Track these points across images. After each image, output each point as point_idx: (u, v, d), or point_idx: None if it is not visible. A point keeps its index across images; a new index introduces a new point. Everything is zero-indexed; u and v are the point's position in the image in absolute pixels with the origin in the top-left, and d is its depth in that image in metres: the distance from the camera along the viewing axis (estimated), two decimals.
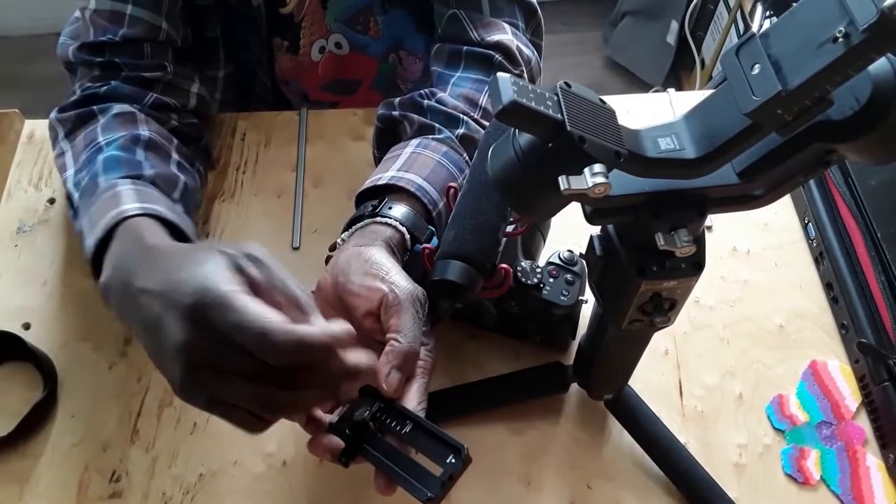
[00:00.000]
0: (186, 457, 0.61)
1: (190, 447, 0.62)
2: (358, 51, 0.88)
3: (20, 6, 2.04)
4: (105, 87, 0.68)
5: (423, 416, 0.51)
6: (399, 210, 0.58)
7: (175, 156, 0.67)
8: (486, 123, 0.67)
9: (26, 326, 0.68)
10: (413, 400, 0.51)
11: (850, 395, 0.64)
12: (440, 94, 0.68)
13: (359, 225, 0.58)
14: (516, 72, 0.71)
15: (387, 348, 0.50)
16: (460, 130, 0.65)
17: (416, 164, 0.62)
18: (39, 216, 0.75)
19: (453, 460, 0.46)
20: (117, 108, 0.67)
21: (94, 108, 0.67)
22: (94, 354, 0.66)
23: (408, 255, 0.57)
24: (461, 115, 0.66)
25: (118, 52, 0.69)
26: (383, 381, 0.50)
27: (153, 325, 0.44)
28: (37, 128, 0.81)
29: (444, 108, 0.66)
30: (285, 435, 0.61)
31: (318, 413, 0.51)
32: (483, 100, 0.69)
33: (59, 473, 0.60)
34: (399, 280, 0.52)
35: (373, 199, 0.60)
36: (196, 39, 0.77)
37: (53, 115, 0.68)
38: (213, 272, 0.43)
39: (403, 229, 0.57)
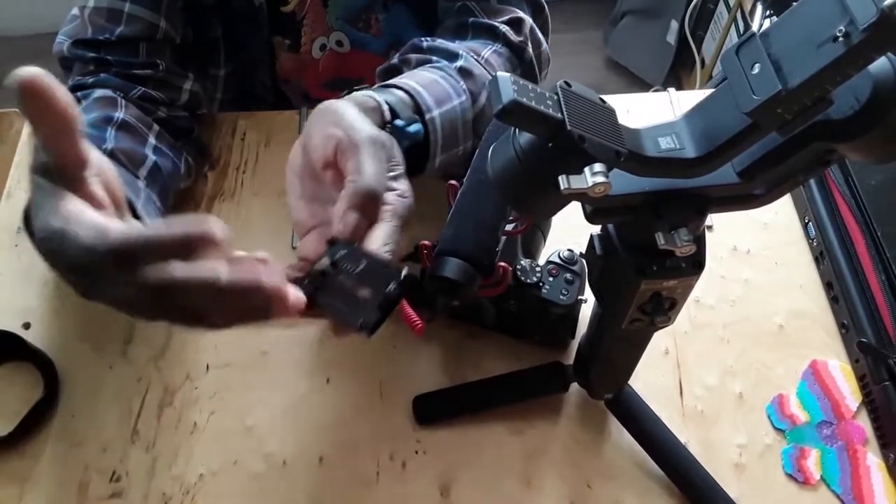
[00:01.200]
0: (186, 457, 0.61)
1: (190, 447, 0.62)
2: (359, 48, 0.88)
3: (20, 6, 2.04)
4: (93, 79, 0.68)
5: (389, 257, 0.46)
6: (384, 93, 0.55)
7: (152, 140, 0.66)
8: (488, 69, 0.66)
9: (26, 326, 0.68)
10: (377, 241, 0.46)
11: (850, 394, 0.64)
12: (440, 39, 0.67)
13: (342, 94, 0.55)
14: (519, 39, 0.71)
15: (343, 191, 0.46)
16: (459, 63, 0.64)
17: (414, 77, 0.60)
18: None
19: (393, 286, 0.42)
20: (99, 92, 0.67)
21: (78, 94, 0.67)
22: (94, 354, 0.66)
23: (388, 129, 0.54)
24: (461, 52, 0.65)
25: (112, 50, 0.69)
26: (338, 223, 0.46)
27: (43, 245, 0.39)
28: None
29: (445, 46, 0.65)
30: (285, 435, 0.61)
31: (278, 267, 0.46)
32: (486, 52, 0.67)
33: (59, 473, 0.60)
34: (356, 122, 0.48)
35: None
36: (197, 39, 0.77)
37: None
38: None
39: (381, 99, 0.54)
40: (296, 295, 0.42)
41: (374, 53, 0.89)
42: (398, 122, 0.54)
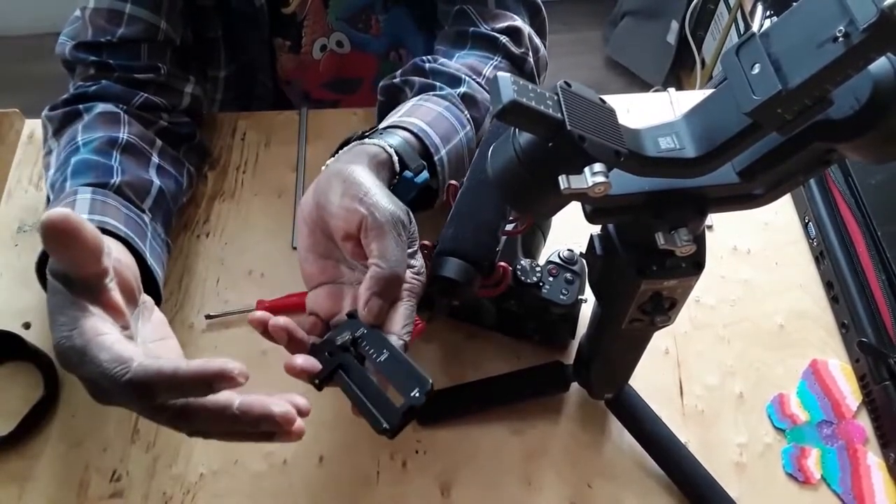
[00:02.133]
0: (187, 456, 0.61)
1: (190, 447, 0.62)
2: (359, 49, 0.88)
3: (20, 6, 2.04)
4: (95, 87, 0.68)
5: (408, 338, 0.49)
6: (393, 138, 0.56)
7: (155, 159, 0.67)
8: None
9: (26, 326, 0.68)
10: (398, 324, 0.48)
11: (850, 394, 0.64)
12: (443, 59, 0.68)
13: (347, 147, 0.56)
14: (520, 51, 0.71)
15: (367, 274, 0.48)
16: (462, 89, 0.64)
17: (419, 112, 0.61)
18: (39, 216, 0.74)
19: (417, 394, 0.44)
20: (101, 107, 0.67)
21: (80, 106, 0.67)
22: None
23: (396, 180, 0.55)
24: (464, 76, 0.65)
25: (113, 53, 0.69)
26: (363, 308, 0.47)
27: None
28: (37, 128, 0.81)
29: (447, 70, 0.66)
30: None
31: (301, 334, 0.50)
32: (487, 70, 0.68)
33: (59, 473, 0.60)
34: (380, 201, 0.49)
35: None
36: (197, 40, 0.77)
37: (44, 112, 0.68)
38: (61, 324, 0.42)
39: (392, 150, 0.55)
40: (307, 363, 0.47)
41: (374, 54, 0.89)
42: (407, 175, 0.55)
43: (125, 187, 0.61)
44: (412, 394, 0.44)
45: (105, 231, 0.54)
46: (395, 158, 0.55)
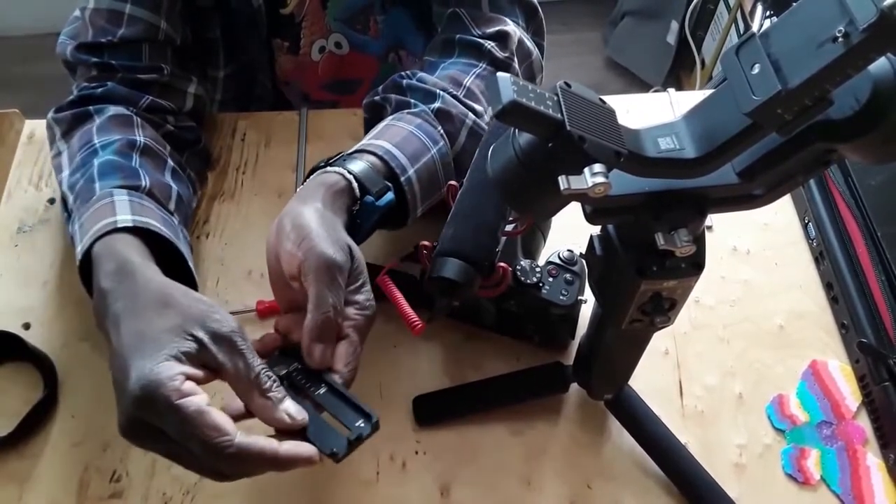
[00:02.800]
0: None
1: None
2: (358, 50, 0.88)
3: (20, 6, 2.04)
4: (101, 89, 0.68)
5: (352, 375, 0.52)
6: (356, 164, 0.58)
7: (170, 163, 0.68)
8: (469, 102, 0.67)
9: (26, 326, 0.68)
10: (339, 362, 0.51)
11: (850, 394, 0.64)
12: (421, 74, 0.68)
13: (316, 173, 0.58)
14: (504, 56, 0.71)
15: (305, 321, 0.50)
16: (436, 104, 0.65)
17: (388, 133, 0.62)
18: (39, 216, 0.75)
19: (362, 424, 0.48)
20: (113, 109, 0.67)
21: (90, 108, 0.67)
22: (94, 354, 0.66)
23: (357, 207, 0.57)
24: (438, 91, 0.66)
25: (115, 53, 0.69)
26: (306, 356, 0.50)
27: (116, 365, 0.48)
28: (37, 128, 0.81)
29: (423, 86, 0.67)
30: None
31: None
32: (468, 80, 0.69)
33: (59, 473, 0.60)
34: (317, 245, 0.51)
35: None
36: (196, 40, 0.77)
37: (51, 115, 0.69)
38: (161, 368, 0.45)
39: (351, 177, 0.57)
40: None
41: (373, 55, 0.89)
42: (368, 199, 0.57)
43: (154, 190, 0.62)
44: (357, 424, 0.48)
45: (147, 232, 0.57)
46: (355, 185, 0.57)
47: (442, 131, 0.64)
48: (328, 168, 0.58)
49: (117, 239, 0.55)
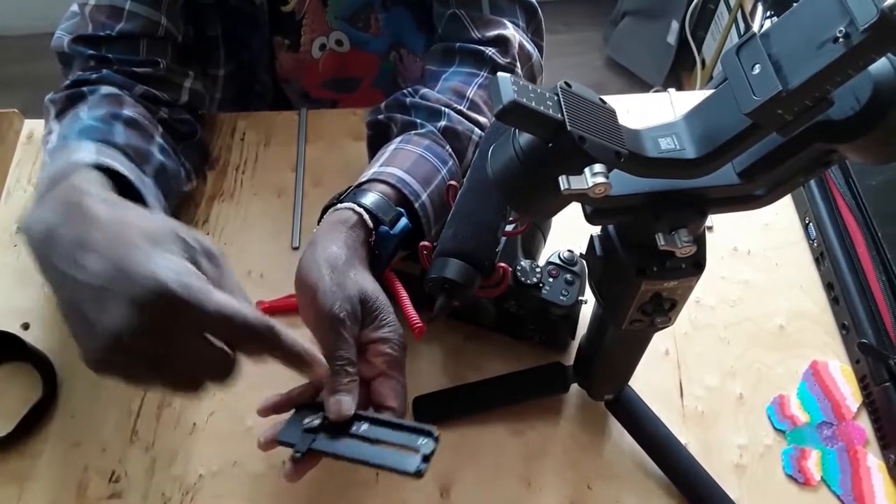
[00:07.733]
0: (186, 457, 0.61)
1: (189, 447, 0.62)
2: (358, 48, 0.88)
3: (20, 6, 2.04)
4: (96, 75, 0.68)
5: (404, 409, 0.53)
6: (368, 197, 0.58)
7: (158, 139, 0.67)
8: (473, 115, 0.67)
9: (26, 326, 0.67)
10: (391, 399, 0.53)
11: (850, 395, 0.64)
12: (423, 90, 0.68)
13: (329, 212, 0.59)
14: (506, 61, 0.71)
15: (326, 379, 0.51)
16: (442, 123, 0.65)
17: (398, 158, 0.62)
18: None
19: (425, 440, 0.47)
20: (106, 89, 0.66)
21: (84, 89, 0.66)
22: None
23: (373, 238, 0.58)
24: (443, 108, 0.66)
25: (112, 47, 0.69)
26: (326, 410, 0.51)
27: (90, 292, 0.43)
28: (36, 128, 0.81)
29: (427, 103, 0.66)
30: None
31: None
32: (471, 92, 0.68)
33: (59, 473, 0.60)
34: (320, 302, 0.52)
35: None
36: (197, 38, 0.77)
37: (47, 97, 0.68)
38: (175, 263, 0.43)
39: (361, 210, 0.57)
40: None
41: (373, 53, 0.89)
42: (383, 230, 0.57)
43: (129, 149, 0.61)
44: (420, 442, 0.47)
45: (108, 170, 0.54)
46: (367, 217, 0.57)
47: (450, 150, 0.64)
48: (339, 205, 0.58)
49: (78, 176, 0.51)
